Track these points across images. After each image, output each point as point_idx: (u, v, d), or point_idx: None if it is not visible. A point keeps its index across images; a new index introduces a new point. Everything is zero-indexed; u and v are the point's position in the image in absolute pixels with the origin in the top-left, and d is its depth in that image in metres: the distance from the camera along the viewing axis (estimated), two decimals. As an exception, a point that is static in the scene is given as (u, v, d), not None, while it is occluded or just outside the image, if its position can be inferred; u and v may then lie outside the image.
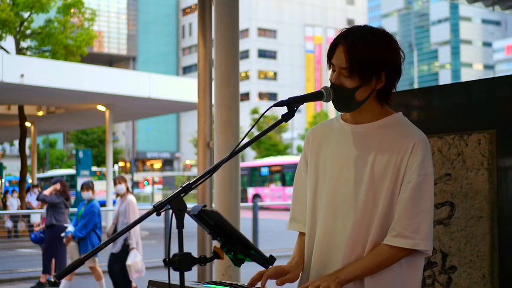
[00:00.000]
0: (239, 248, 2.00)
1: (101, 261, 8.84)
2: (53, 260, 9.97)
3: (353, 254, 2.10)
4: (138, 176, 68.68)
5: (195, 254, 1.95)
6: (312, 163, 2.25)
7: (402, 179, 2.07)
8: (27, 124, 22.87)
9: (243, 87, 65.73)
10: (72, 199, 11.80)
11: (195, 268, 2.10)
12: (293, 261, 2.25)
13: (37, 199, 9.72)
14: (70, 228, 8.51)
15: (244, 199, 34.72)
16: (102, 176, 38.86)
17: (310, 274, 2.20)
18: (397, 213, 2.07)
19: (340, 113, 2.27)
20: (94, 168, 41.34)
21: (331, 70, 2.15)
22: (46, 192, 9.77)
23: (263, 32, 76.85)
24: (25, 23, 23.07)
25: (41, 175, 41.27)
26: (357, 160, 2.13)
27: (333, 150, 2.20)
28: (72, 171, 44.57)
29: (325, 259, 2.16)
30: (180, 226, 1.84)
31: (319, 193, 2.20)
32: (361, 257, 2.09)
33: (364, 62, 2.05)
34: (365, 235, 2.09)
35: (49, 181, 34.81)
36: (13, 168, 57.88)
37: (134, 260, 7.80)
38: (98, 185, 29.72)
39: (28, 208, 19.73)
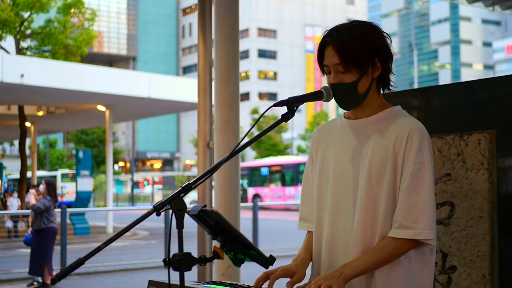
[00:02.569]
0: (239, 248, 1.99)
1: None
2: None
3: (362, 250, 2.06)
4: (138, 176, 68.68)
5: (195, 254, 1.95)
6: (317, 163, 2.25)
7: (401, 170, 2.05)
8: (27, 124, 22.87)
9: (243, 87, 65.73)
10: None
11: (195, 268, 2.10)
12: (298, 259, 2.22)
13: (32, 209, 9.54)
14: None
15: (244, 199, 34.72)
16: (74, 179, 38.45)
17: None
18: (398, 204, 2.04)
19: (343, 112, 2.26)
20: (66, 171, 40.81)
21: (326, 74, 2.15)
22: (32, 201, 9.62)
23: (263, 32, 76.84)
24: (25, 23, 23.04)
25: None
26: (356, 156, 2.13)
27: (335, 148, 2.20)
28: (46, 172, 44.03)
29: (333, 260, 2.14)
30: (180, 226, 1.83)
31: (323, 192, 2.20)
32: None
33: (356, 52, 2.06)
34: (372, 230, 2.07)
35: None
36: (13, 168, 57.86)
37: None
38: (72, 186, 28.73)
39: (28, 208, 19.71)
